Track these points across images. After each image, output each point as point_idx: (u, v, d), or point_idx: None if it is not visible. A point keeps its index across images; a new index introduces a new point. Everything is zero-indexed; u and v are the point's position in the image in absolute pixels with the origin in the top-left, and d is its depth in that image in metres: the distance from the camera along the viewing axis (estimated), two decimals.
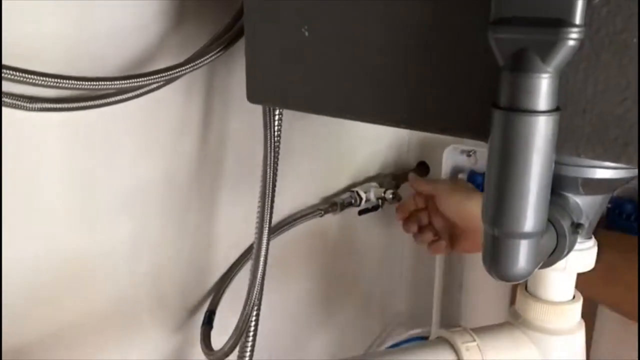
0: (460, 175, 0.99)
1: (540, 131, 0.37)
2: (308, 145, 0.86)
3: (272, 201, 0.65)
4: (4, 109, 0.51)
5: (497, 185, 0.39)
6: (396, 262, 1.11)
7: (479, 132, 0.42)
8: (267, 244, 0.65)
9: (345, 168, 0.94)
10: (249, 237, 0.68)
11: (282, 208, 0.82)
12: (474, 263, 0.94)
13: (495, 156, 0.39)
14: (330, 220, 0.92)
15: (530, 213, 0.39)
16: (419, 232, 0.89)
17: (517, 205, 0.39)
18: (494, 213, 0.40)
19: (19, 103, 0.51)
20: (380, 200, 0.94)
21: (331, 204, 0.89)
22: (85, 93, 0.55)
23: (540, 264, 0.43)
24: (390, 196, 0.94)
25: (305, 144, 0.85)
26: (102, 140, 0.60)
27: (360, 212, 0.94)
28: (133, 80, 0.54)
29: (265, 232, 0.64)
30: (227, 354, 0.65)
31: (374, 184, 0.95)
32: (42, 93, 0.52)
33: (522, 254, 0.40)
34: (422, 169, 1.07)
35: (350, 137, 0.94)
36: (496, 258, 0.41)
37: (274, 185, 0.64)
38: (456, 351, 0.52)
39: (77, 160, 0.58)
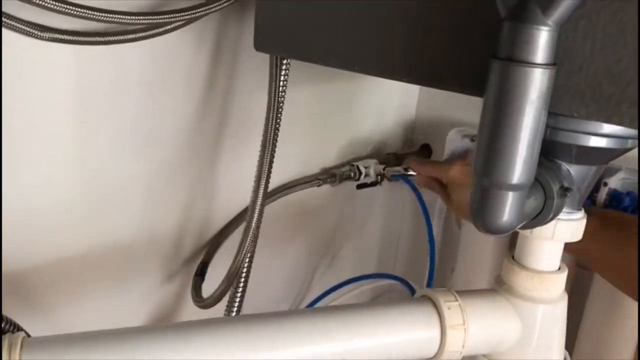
0: None
1: (536, 83, 0.38)
2: (314, 113, 0.87)
3: (272, 158, 0.65)
4: (16, 34, 0.52)
5: (489, 135, 0.40)
6: (393, 238, 1.12)
7: (478, 86, 0.42)
8: (263, 199, 0.66)
9: (349, 141, 0.95)
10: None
11: (282, 172, 0.83)
12: (470, 238, 0.94)
13: (490, 107, 0.40)
14: (328, 190, 0.93)
15: (519, 165, 0.40)
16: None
17: (507, 156, 0.39)
18: (484, 163, 0.41)
19: (30, 30, 0.52)
20: (379, 177, 0.95)
21: (330, 175, 0.90)
22: (100, 27, 0.56)
23: (525, 222, 0.44)
24: (390, 174, 0.94)
25: (311, 112, 0.86)
26: (111, 79, 0.60)
27: (359, 187, 0.95)
28: (148, 17, 0.55)
29: (262, 187, 0.65)
30: (216, 301, 0.66)
31: (374, 160, 0.96)
32: (56, 24, 0.53)
33: (508, 206, 0.41)
34: (425, 151, 1.07)
35: (358, 111, 0.95)
36: (483, 208, 0.42)
37: (274, 142, 0.64)
38: (438, 309, 0.52)
39: (85, 96, 0.59)
